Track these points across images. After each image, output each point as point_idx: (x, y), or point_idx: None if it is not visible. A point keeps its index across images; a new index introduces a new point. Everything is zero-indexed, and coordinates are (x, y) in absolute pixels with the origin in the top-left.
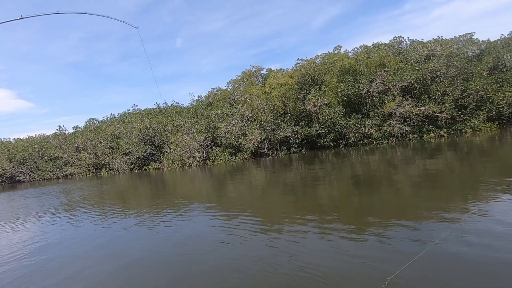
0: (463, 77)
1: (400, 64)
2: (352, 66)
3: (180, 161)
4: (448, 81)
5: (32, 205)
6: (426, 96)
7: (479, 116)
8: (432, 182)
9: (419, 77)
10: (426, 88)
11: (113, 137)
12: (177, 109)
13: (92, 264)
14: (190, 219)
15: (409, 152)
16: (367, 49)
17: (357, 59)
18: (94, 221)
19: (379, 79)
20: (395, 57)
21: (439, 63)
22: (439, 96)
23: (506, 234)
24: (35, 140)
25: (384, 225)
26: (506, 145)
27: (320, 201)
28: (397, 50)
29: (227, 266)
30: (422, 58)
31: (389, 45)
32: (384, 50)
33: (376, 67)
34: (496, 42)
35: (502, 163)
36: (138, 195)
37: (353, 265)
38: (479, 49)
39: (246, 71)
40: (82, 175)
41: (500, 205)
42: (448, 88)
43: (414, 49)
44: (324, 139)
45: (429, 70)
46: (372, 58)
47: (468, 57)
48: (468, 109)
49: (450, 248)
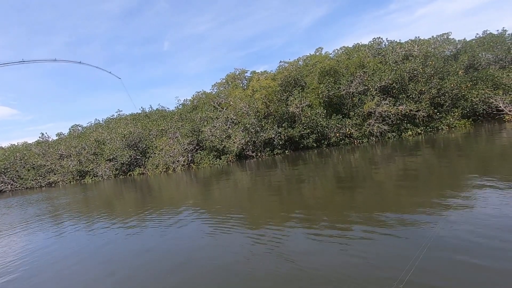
0: (439, 76)
1: (379, 65)
2: (333, 68)
3: (165, 165)
4: (424, 81)
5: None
6: (404, 95)
7: (454, 114)
8: (412, 178)
9: (397, 77)
10: (404, 87)
11: (97, 143)
12: (162, 113)
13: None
14: (178, 224)
15: (388, 150)
16: (347, 50)
17: (338, 60)
18: (79, 230)
19: (358, 79)
20: (374, 58)
21: (416, 63)
22: (416, 95)
23: (492, 223)
24: (17, 148)
25: (369, 223)
26: (479, 140)
27: (305, 201)
28: (376, 51)
29: (215, 268)
30: (400, 58)
31: (369, 46)
32: (363, 51)
33: (356, 68)
34: (472, 41)
35: (476, 157)
36: (124, 201)
37: (355, 266)
38: (455, 49)
39: (230, 74)
40: (65, 183)
41: (481, 197)
42: (425, 87)
43: (393, 49)
44: (307, 139)
45: (407, 70)
46: (352, 59)
47: (445, 56)
48: (444, 107)
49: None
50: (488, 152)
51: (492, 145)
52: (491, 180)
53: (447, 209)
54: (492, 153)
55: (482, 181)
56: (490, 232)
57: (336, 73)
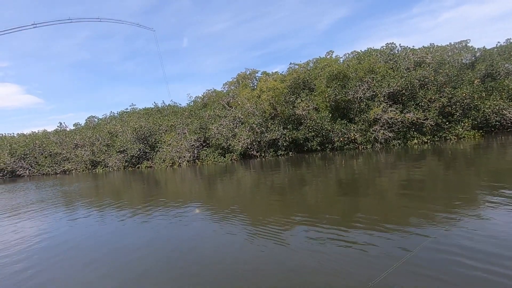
0: (452, 85)
1: (389, 71)
2: (342, 72)
3: (171, 160)
4: (435, 89)
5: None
6: (413, 102)
7: (464, 124)
8: (413, 188)
9: (407, 84)
10: (414, 95)
11: (110, 135)
12: (174, 109)
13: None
14: (184, 219)
15: (392, 158)
16: (358, 54)
17: (347, 64)
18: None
19: (366, 85)
20: (385, 64)
21: (427, 70)
22: (425, 103)
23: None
24: (37, 136)
25: (368, 228)
26: (485, 152)
27: (306, 203)
28: (388, 56)
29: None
30: (412, 65)
31: (381, 51)
32: (375, 56)
33: (365, 73)
34: (492, 49)
35: (485, 171)
36: (132, 192)
37: (336, 268)
38: (474, 57)
39: (241, 74)
40: (78, 171)
41: (483, 211)
42: (435, 96)
43: (405, 56)
44: (311, 142)
45: (417, 77)
46: (362, 64)
47: (462, 64)
48: (454, 116)
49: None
50: (495, 165)
51: (499, 158)
52: (500, 194)
53: (447, 220)
54: (499, 166)
55: (488, 194)
56: (482, 246)
57: (345, 77)
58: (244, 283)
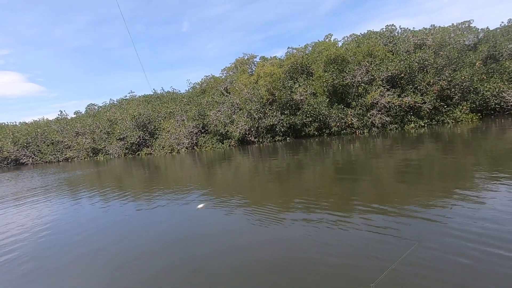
0: (453, 67)
1: (388, 54)
2: (340, 56)
3: (170, 147)
4: (434, 72)
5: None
6: (411, 86)
7: (462, 107)
8: (409, 172)
9: (406, 67)
10: (413, 78)
11: (110, 122)
12: (173, 96)
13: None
14: (187, 204)
15: (388, 142)
16: (357, 38)
17: (346, 48)
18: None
19: (364, 69)
20: (384, 47)
21: (427, 53)
22: (424, 86)
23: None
24: (39, 124)
25: (367, 216)
26: (480, 136)
27: (303, 187)
28: (388, 39)
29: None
30: (411, 48)
31: (380, 34)
32: (374, 39)
33: (363, 57)
34: (496, 30)
35: (477, 154)
36: (133, 179)
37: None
38: (477, 38)
39: (239, 59)
40: (80, 159)
41: (483, 194)
42: (434, 79)
43: (405, 38)
44: (309, 128)
45: (417, 60)
46: (361, 48)
47: (465, 45)
48: (453, 100)
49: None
50: (491, 149)
51: (494, 141)
52: (498, 177)
53: (445, 206)
54: (495, 149)
55: (484, 176)
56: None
57: (343, 61)
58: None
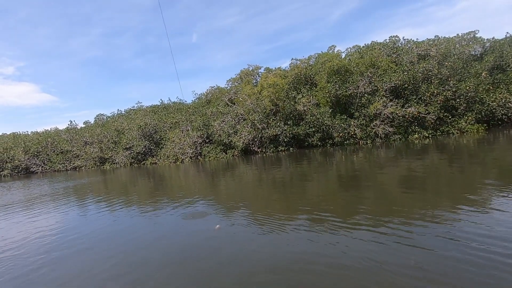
0: (458, 78)
1: (391, 65)
2: (343, 67)
3: (174, 156)
4: (438, 82)
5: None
6: (415, 96)
7: (468, 118)
8: (415, 183)
9: (409, 78)
10: (416, 88)
11: (117, 132)
12: (179, 106)
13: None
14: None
15: (391, 153)
16: (360, 49)
17: (349, 59)
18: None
19: (366, 80)
20: (388, 57)
21: (430, 63)
22: (428, 97)
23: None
24: (49, 133)
25: (373, 224)
26: (492, 146)
27: (307, 197)
28: (391, 50)
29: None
30: (415, 59)
31: (384, 45)
32: (378, 50)
33: (366, 68)
34: (503, 40)
35: (490, 165)
36: (139, 188)
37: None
38: (483, 48)
39: (244, 70)
40: (88, 168)
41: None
42: (438, 89)
43: (409, 49)
44: (312, 138)
45: (420, 71)
46: (364, 59)
47: (471, 56)
48: (458, 110)
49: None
50: (498, 159)
51: (502, 152)
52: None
53: (452, 215)
54: (503, 160)
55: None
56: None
57: (346, 72)
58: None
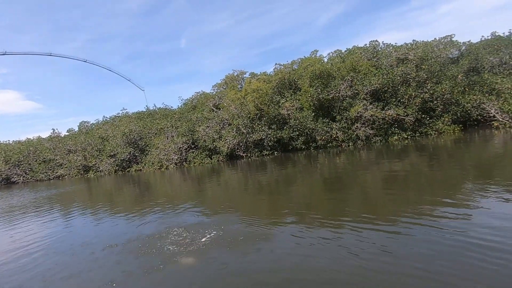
0: (435, 80)
1: (371, 69)
2: (325, 71)
3: (159, 163)
4: (415, 85)
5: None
6: (394, 99)
7: (444, 119)
8: (396, 183)
9: (388, 81)
10: (396, 91)
11: (101, 139)
12: (165, 112)
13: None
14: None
15: (372, 154)
16: (342, 53)
17: (331, 63)
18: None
19: (347, 83)
20: (368, 61)
21: (408, 67)
22: (406, 99)
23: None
24: (31, 142)
25: (357, 227)
26: (469, 146)
27: (292, 200)
28: (372, 54)
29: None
30: (394, 62)
31: (364, 49)
32: (358, 54)
33: (347, 72)
34: (478, 43)
35: (467, 163)
36: (124, 196)
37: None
38: (459, 51)
39: (229, 75)
40: (71, 177)
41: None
42: (415, 92)
43: (388, 53)
44: (296, 142)
45: (399, 74)
46: (345, 63)
47: (448, 59)
48: (436, 111)
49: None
50: (474, 158)
51: (476, 150)
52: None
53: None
54: (478, 159)
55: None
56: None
57: (328, 76)
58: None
